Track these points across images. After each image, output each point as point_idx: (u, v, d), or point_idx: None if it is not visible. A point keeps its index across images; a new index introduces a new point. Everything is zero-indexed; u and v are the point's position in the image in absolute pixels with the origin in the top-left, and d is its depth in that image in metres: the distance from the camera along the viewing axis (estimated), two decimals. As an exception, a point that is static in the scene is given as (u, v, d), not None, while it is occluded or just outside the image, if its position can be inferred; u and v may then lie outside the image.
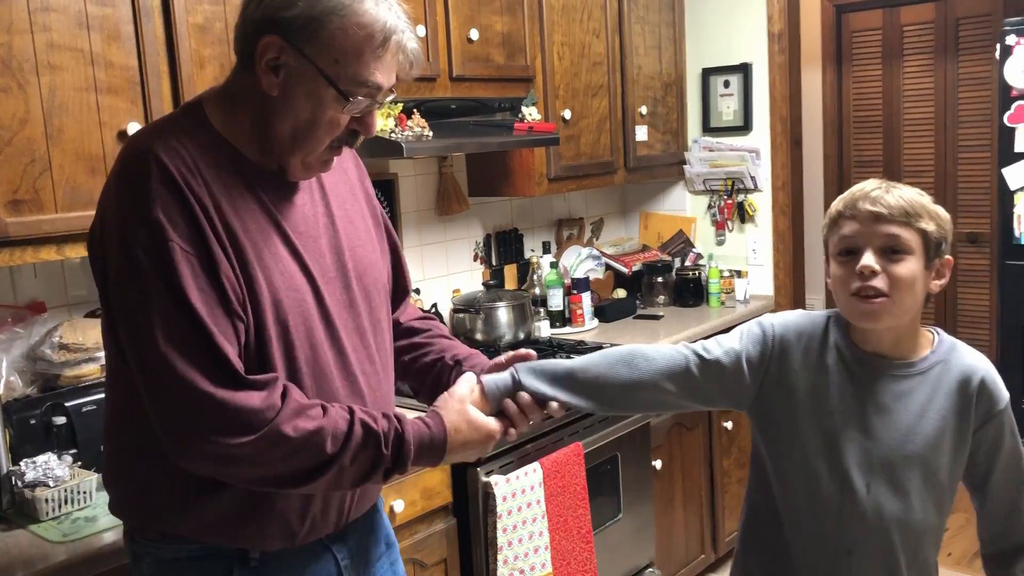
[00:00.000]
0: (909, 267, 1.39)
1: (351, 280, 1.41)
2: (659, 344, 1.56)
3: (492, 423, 1.44)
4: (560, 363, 1.54)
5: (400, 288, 1.64)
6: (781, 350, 1.51)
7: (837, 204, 1.45)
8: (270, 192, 1.34)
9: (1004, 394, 1.47)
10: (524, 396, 1.48)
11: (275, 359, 1.29)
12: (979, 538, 1.55)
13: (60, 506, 1.85)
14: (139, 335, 1.20)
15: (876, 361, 1.45)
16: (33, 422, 1.99)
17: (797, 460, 1.48)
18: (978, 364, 1.47)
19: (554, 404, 1.49)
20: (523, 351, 1.56)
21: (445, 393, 1.46)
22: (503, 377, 1.49)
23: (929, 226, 1.40)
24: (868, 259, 1.38)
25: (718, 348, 1.52)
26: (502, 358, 1.55)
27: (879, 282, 1.38)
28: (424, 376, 1.62)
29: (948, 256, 1.44)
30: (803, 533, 1.49)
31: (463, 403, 1.43)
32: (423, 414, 1.42)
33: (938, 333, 1.50)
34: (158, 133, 1.28)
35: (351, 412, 1.31)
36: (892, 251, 1.39)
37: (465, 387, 1.46)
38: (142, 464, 1.33)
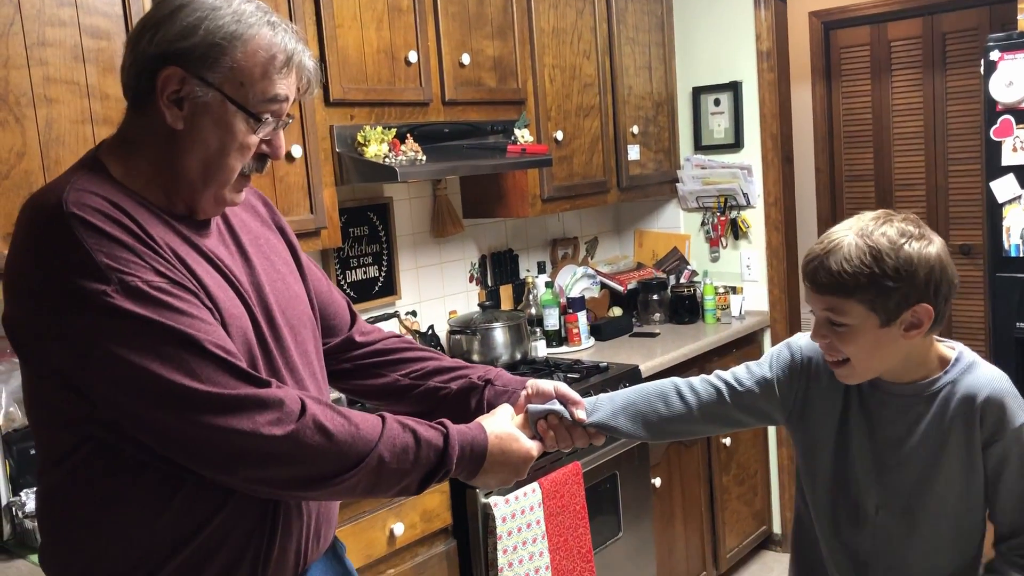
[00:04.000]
0: (851, 336, 1.38)
1: (275, 315, 1.36)
2: (693, 378, 1.61)
3: (532, 444, 1.45)
4: (611, 397, 1.61)
5: (344, 312, 1.61)
6: (809, 373, 1.53)
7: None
8: (191, 233, 1.29)
9: (1016, 415, 1.39)
10: (565, 419, 1.54)
11: None
12: (993, 525, 1.52)
13: (60, 536, 1.86)
14: (138, 384, 1.15)
15: (886, 386, 1.46)
16: (33, 452, 2.00)
17: (819, 476, 1.53)
18: (986, 383, 1.41)
19: (592, 431, 1.57)
20: (574, 395, 1.57)
21: (487, 413, 1.48)
22: (548, 407, 1.53)
23: (868, 295, 1.34)
24: (815, 328, 1.42)
25: (750, 378, 1.57)
26: (548, 387, 1.56)
27: (832, 349, 1.41)
28: (443, 400, 1.58)
29: (924, 304, 1.35)
30: (827, 539, 1.54)
31: (505, 419, 1.45)
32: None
33: (959, 351, 1.46)
34: (59, 189, 1.21)
35: (379, 413, 1.30)
36: (831, 322, 1.39)
37: (507, 410, 1.48)
38: (84, 513, 1.26)
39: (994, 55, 2.65)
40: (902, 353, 1.41)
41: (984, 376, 1.42)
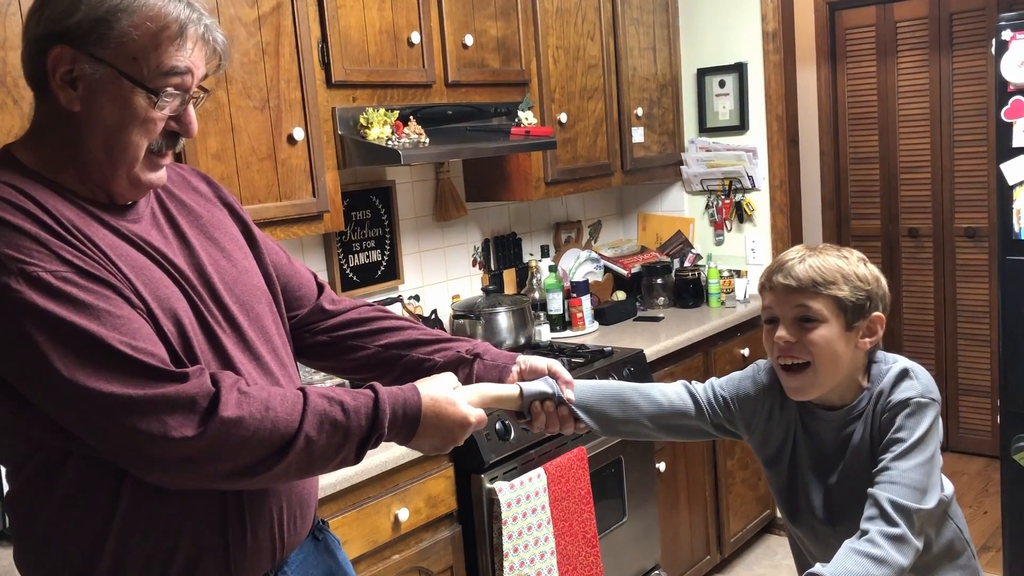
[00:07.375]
0: (822, 333, 1.47)
1: (220, 294, 1.32)
2: (665, 385, 1.67)
3: (471, 411, 1.36)
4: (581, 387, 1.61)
5: (309, 282, 1.57)
6: (770, 400, 1.61)
7: (762, 274, 1.55)
8: (114, 218, 1.24)
9: (906, 393, 1.46)
10: (561, 407, 1.55)
11: None
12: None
13: (63, 523, 1.84)
14: (47, 385, 1.12)
15: (821, 413, 1.55)
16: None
17: (777, 494, 1.63)
18: (888, 377, 1.49)
19: (581, 424, 1.59)
20: (565, 374, 1.55)
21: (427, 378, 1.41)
22: (545, 389, 1.53)
23: (841, 291, 1.46)
24: (781, 331, 1.50)
25: (717, 403, 1.63)
26: (541, 364, 1.55)
27: (796, 350, 1.48)
28: (428, 373, 1.51)
29: (877, 313, 1.50)
30: (798, 543, 1.66)
31: (445, 384, 1.37)
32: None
33: (878, 366, 1.53)
34: None
35: (302, 388, 1.25)
36: (804, 320, 1.48)
37: (449, 377, 1.41)
38: (44, 516, 1.24)
39: (1006, 35, 2.61)
40: (850, 366, 1.50)
41: (892, 375, 1.49)
